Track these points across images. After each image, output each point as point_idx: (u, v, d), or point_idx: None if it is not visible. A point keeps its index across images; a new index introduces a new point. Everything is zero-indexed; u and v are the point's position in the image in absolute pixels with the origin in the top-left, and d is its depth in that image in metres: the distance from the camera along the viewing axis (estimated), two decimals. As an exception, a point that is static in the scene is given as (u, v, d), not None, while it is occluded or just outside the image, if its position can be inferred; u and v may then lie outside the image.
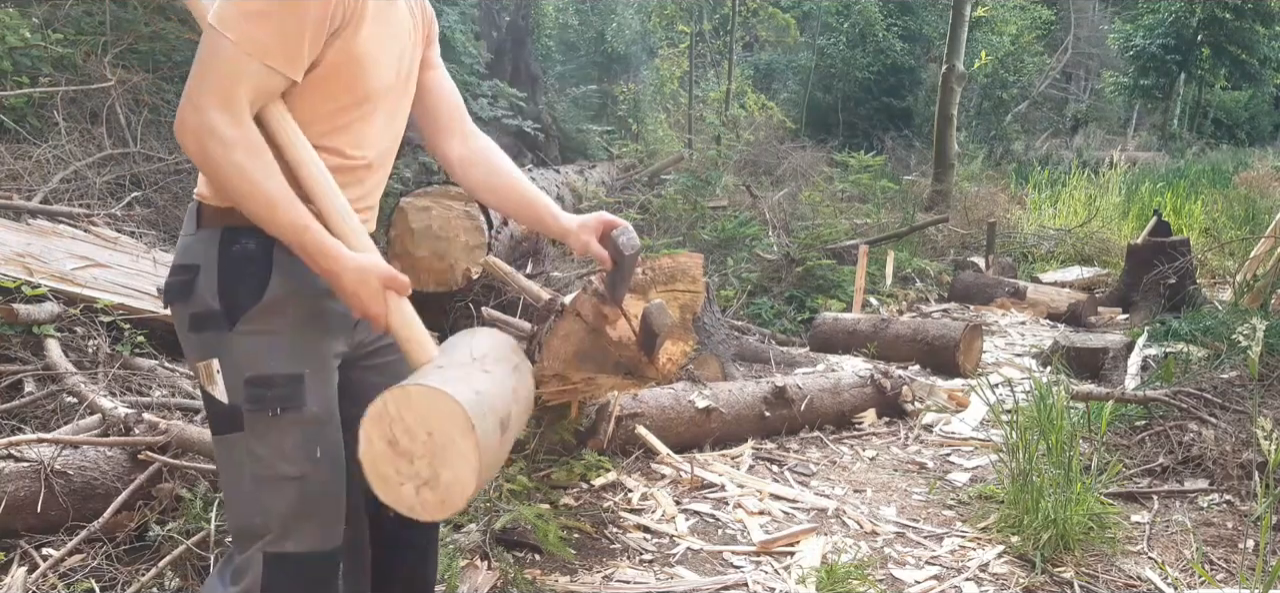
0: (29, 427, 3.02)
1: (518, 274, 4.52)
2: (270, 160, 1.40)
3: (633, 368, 2.03)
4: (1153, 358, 4.84)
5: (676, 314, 2.03)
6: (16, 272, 3.59)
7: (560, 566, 2.71)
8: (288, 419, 1.49)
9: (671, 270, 2.00)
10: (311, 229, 1.43)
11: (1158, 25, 22.07)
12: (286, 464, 1.49)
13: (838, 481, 3.55)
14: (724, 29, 14.65)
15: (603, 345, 1.99)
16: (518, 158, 8.81)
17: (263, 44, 1.36)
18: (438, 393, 1.38)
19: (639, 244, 1.87)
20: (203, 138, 1.36)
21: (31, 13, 5.61)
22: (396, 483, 1.40)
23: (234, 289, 1.47)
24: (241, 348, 1.48)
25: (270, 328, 1.49)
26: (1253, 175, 14.62)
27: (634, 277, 1.96)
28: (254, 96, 1.39)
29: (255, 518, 1.51)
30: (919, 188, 12.20)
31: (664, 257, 1.98)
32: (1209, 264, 8.30)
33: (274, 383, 1.48)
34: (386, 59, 1.54)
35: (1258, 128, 25.11)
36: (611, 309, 1.91)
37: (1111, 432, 3.69)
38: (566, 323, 1.97)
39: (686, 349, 2.06)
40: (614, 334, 1.94)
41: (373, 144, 1.59)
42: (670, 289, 2.01)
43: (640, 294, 1.97)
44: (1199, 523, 3.07)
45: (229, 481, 1.55)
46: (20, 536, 2.43)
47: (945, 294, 7.80)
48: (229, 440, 1.51)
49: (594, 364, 2.09)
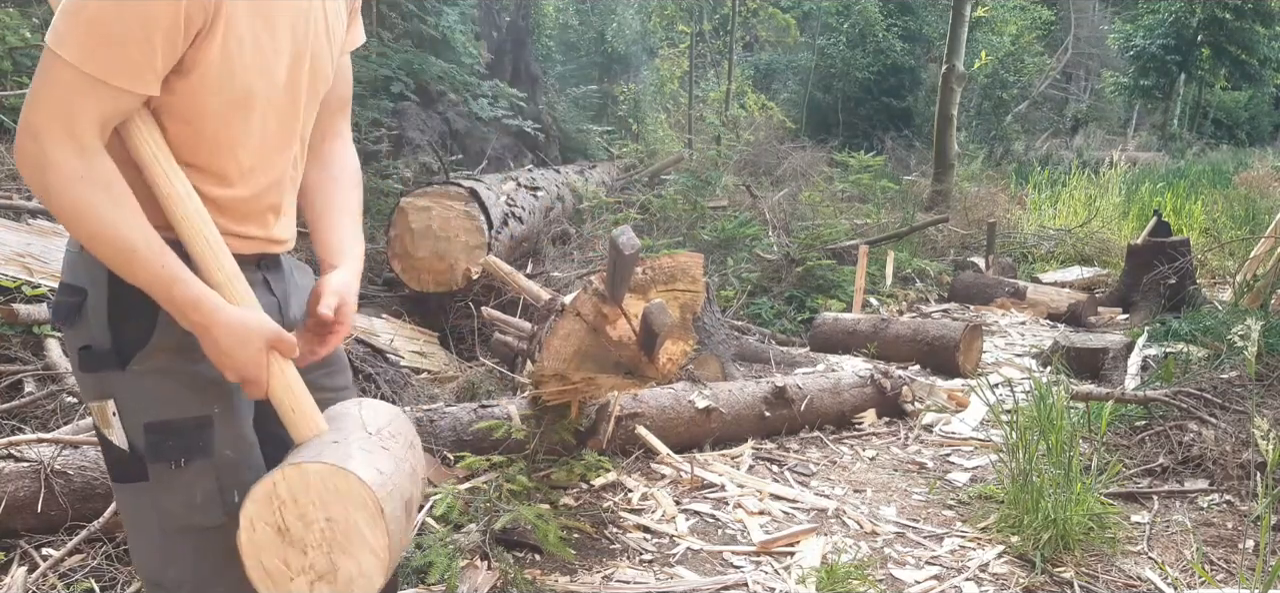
0: (29, 427, 3.02)
1: (518, 274, 4.53)
2: (123, 194, 1.19)
3: (633, 368, 2.03)
4: (1153, 358, 4.84)
5: (677, 314, 2.03)
6: (16, 272, 3.59)
7: (560, 566, 2.71)
8: (195, 468, 1.29)
9: (671, 270, 2.00)
10: (179, 280, 1.21)
11: (1158, 25, 22.09)
12: (199, 515, 1.30)
13: (838, 481, 3.55)
14: (724, 29, 14.66)
15: (603, 345, 1.99)
16: (518, 158, 8.82)
17: (105, 61, 1.15)
18: (341, 473, 1.19)
19: (639, 244, 1.87)
20: (43, 171, 1.16)
21: (32, 13, 5.61)
22: (285, 578, 1.19)
23: (124, 322, 1.27)
24: (137, 390, 1.28)
25: (168, 366, 1.28)
26: (1253, 175, 14.62)
27: (634, 276, 1.96)
28: (102, 121, 1.18)
29: (168, 572, 1.33)
30: (919, 188, 12.20)
31: (664, 256, 1.98)
32: (1209, 264, 8.30)
33: (177, 430, 1.28)
34: (270, 55, 1.29)
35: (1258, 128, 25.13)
36: (612, 309, 1.91)
37: (1111, 432, 3.69)
38: (567, 322, 1.97)
39: (687, 349, 2.07)
40: (614, 334, 1.94)
41: (256, 154, 1.33)
42: (670, 289, 2.01)
43: (640, 294, 1.97)
44: (1199, 523, 3.07)
45: (135, 532, 1.35)
46: (20, 536, 2.44)
47: (945, 294, 7.80)
48: (133, 490, 1.32)
49: (594, 364, 2.09)
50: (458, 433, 3.21)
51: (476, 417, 3.20)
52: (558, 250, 6.98)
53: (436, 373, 4.72)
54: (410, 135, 8.17)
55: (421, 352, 4.95)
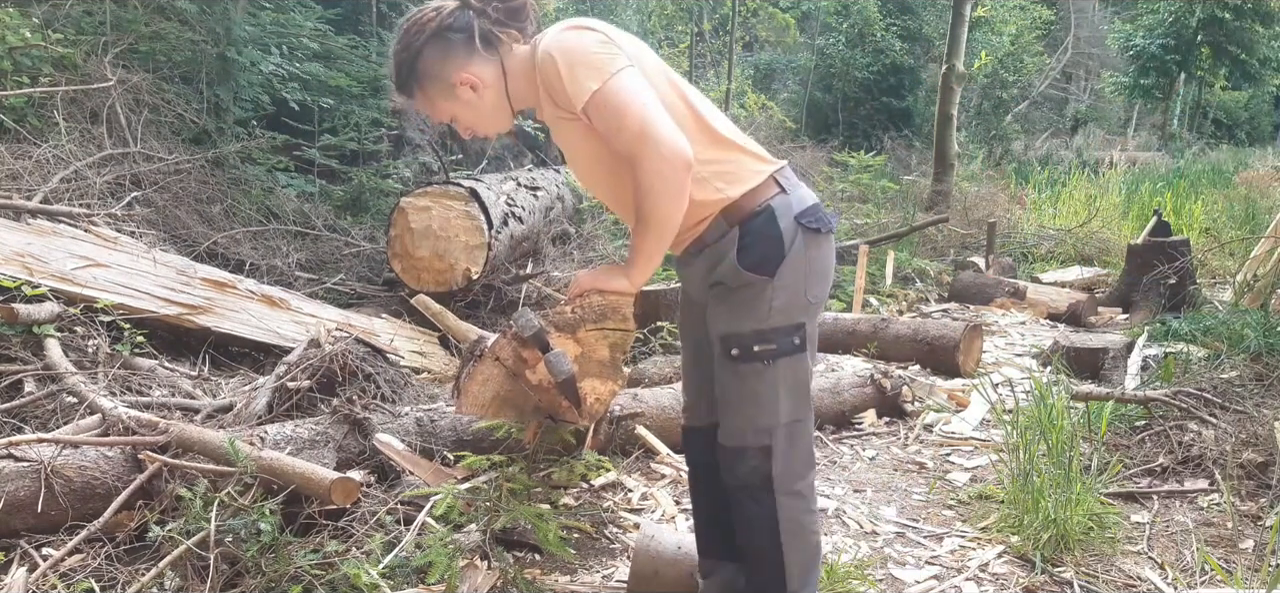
0: (29, 427, 3.02)
1: (448, 313, 4.45)
2: None
3: (553, 412, 2.01)
4: (1153, 358, 4.84)
5: (607, 354, 1.99)
6: (16, 271, 3.59)
7: (560, 566, 2.71)
8: None
9: (603, 308, 1.96)
10: None
11: (1157, 25, 22.08)
12: None
13: (838, 480, 3.55)
14: (724, 29, 14.65)
15: (522, 390, 1.96)
16: (518, 158, 8.81)
17: None
18: None
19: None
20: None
21: (31, 13, 5.61)
22: None
23: None
24: None
25: None
26: (1253, 175, 14.62)
27: (562, 318, 1.93)
28: None
29: None
30: (919, 188, 12.20)
31: (594, 296, 1.95)
32: (1209, 264, 8.29)
33: None
34: None
35: (1258, 128, 25.15)
36: (531, 353, 1.89)
37: (1111, 432, 3.69)
38: (485, 367, 1.93)
39: (615, 388, 2.02)
40: (534, 378, 1.91)
41: None
42: (600, 327, 1.96)
43: (569, 333, 1.93)
44: (1199, 523, 3.07)
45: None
46: (20, 536, 2.44)
47: (945, 294, 7.80)
48: None
49: (513, 409, 2.06)
50: (458, 433, 3.21)
51: (476, 416, 3.20)
52: (558, 250, 6.98)
53: (436, 373, 4.72)
54: (410, 135, 8.18)
55: (421, 352, 4.95)
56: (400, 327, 5.14)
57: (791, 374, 1.93)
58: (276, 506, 2.43)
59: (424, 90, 1.97)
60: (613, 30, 1.88)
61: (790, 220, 1.89)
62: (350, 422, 2.95)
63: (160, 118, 5.93)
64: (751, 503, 1.99)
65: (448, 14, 1.92)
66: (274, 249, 5.87)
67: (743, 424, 1.96)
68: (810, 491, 2.03)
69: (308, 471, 2.52)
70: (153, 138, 5.79)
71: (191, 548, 2.34)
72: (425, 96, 1.98)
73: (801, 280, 1.89)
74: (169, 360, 3.88)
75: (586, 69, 1.78)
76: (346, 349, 3.45)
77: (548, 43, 1.84)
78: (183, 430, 2.66)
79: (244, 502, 2.42)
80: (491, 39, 1.94)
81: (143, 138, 5.67)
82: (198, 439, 2.62)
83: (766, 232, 1.87)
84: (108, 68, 5.61)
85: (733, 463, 1.99)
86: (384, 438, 3.01)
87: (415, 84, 1.96)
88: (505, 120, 2.02)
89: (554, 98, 1.87)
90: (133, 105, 5.75)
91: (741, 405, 1.96)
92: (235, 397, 3.44)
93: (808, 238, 1.90)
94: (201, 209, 5.76)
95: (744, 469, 1.97)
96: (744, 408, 1.95)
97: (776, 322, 1.88)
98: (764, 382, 1.92)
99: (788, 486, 1.97)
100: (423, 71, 1.93)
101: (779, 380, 1.92)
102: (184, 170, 5.80)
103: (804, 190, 1.97)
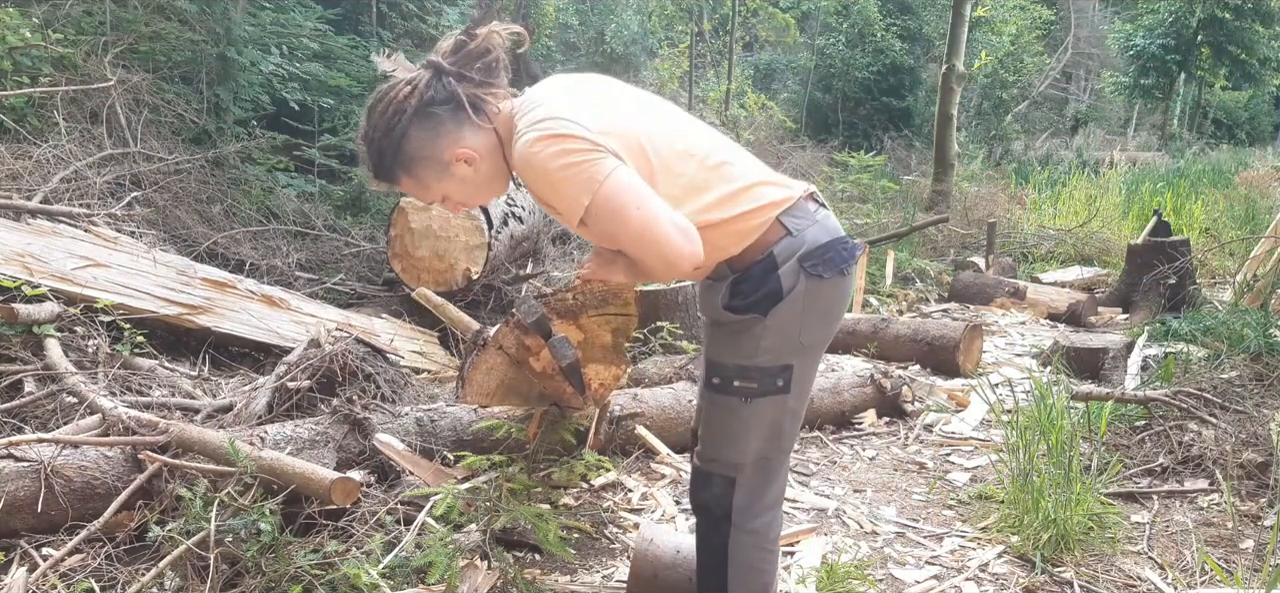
0: (29, 427, 3.02)
1: (448, 306, 4.45)
2: None
3: (558, 399, 2.01)
4: (1153, 358, 4.84)
5: (609, 338, 1.99)
6: (16, 271, 3.59)
7: (560, 566, 2.71)
8: None
9: (604, 294, 1.95)
10: None
11: (1158, 25, 22.08)
12: None
13: (838, 480, 3.55)
14: (724, 29, 14.66)
15: (526, 377, 1.96)
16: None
17: None
18: None
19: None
20: None
21: (31, 13, 5.61)
22: None
23: None
24: None
25: None
26: (1253, 175, 14.62)
27: (564, 303, 1.93)
28: None
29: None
30: (919, 188, 12.20)
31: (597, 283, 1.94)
32: (1209, 264, 8.29)
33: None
34: None
35: (1258, 128, 25.14)
36: (534, 340, 1.88)
37: (1111, 432, 3.69)
38: (489, 356, 1.93)
39: (619, 373, 2.02)
40: (537, 365, 1.91)
41: None
42: (602, 313, 1.96)
43: (572, 319, 1.93)
44: (1199, 523, 3.07)
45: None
46: (20, 536, 2.44)
47: (945, 294, 7.80)
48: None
49: (518, 397, 2.06)
50: (458, 433, 3.21)
51: (477, 417, 3.20)
52: (558, 250, 6.98)
53: (436, 373, 4.72)
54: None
55: (421, 351, 4.95)
56: (400, 327, 5.14)
57: (769, 413, 1.87)
58: (276, 506, 2.43)
59: (413, 175, 1.80)
60: (584, 104, 1.73)
61: (793, 264, 1.80)
62: (350, 422, 2.95)
63: (160, 118, 5.93)
64: (709, 528, 1.97)
65: (426, 86, 1.75)
66: (274, 249, 5.87)
67: (713, 451, 1.93)
68: (769, 528, 1.97)
69: (308, 471, 2.52)
70: (153, 138, 5.78)
71: (191, 548, 2.34)
72: (415, 181, 1.82)
73: (797, 322, 1.82)
74: (169, 360, 3.88)
75: (572, 185, 1.66)
76: (346, 349, 3.45)
77: (523, 161, 1.70)
78: (183, 430, 2.66)
79: (244, 502, 2.42)
80: (479, 104, 1.78)
81: (143, 138, 5.67)
82: (198, 439, 2.62)
83: (762, 279, 1.80)
84: (108, 68, 5.61)
85: (699, 484, 1.97)
86: (384, 438, 3.00)
87: (401, 170, 1.80)
88: (504, 184, 1.88)
89: (545, 207, 1.81)
90: (133, 105, 5.75)
91: (714, 433, 1.92)
92: (235, 397, 3.44)
93: (810, 283, 1.81)
94: (201, 209, 5.76)
95: (707, 494, 1.94)
96: (715, 437, 1.92)
97: (762, 361, 1.82)
98: (737, 417, 1.86)
99: (745, 522, 1.92)
100: (410, 155, 1.77)
101: (753, 418, 1.86)
102: (184, 170, 5.80)
103: (819, 228, 1.84)
